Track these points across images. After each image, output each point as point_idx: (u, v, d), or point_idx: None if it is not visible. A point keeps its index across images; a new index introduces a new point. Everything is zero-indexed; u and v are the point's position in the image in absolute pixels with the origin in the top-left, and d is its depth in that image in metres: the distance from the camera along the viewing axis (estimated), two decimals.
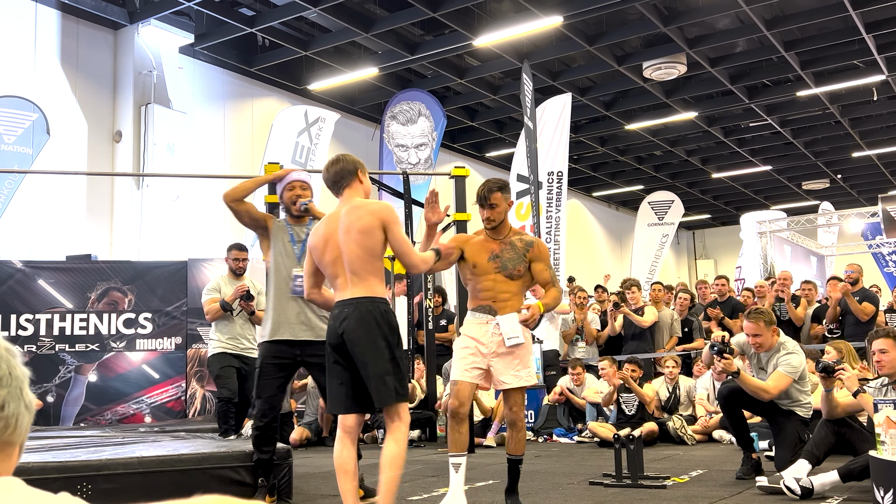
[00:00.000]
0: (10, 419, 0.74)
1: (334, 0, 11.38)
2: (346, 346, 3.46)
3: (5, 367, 0.75)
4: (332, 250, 3.54)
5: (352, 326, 3.44)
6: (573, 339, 9.62)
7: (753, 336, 5.14)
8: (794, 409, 5.12)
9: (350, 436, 3.54)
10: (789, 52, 13.56)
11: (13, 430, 0.75)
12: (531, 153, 12.09)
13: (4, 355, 0.76)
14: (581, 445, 7.73)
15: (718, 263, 27.77)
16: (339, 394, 3.54)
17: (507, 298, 4.12)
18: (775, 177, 22.46)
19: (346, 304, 3.49)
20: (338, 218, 3.58)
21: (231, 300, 6.40)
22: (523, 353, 4.12)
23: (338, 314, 3.50)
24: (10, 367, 0.76)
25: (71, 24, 11.72)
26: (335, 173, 3.68)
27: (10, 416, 0.74)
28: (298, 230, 4.44)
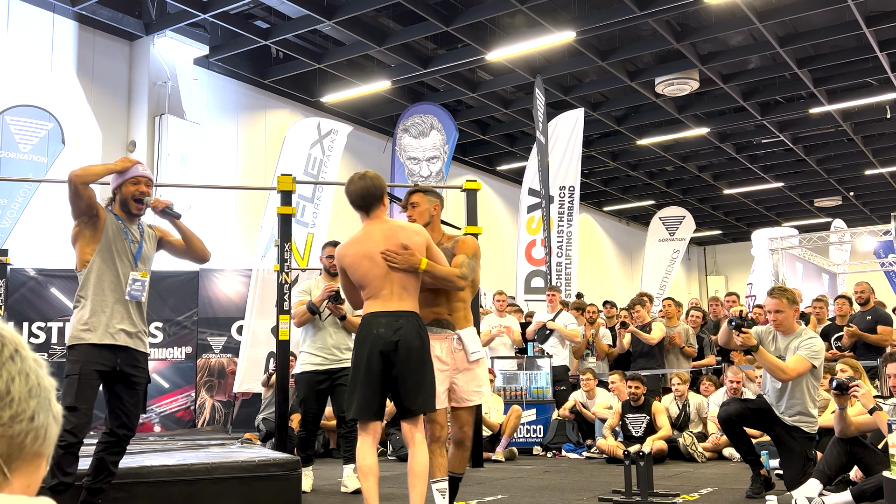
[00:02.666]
0: (39, 430, 0.74)
1: (348, 13, 11.45)
2: (397, 354, 3.62)
3: (34, 378, 0.75)
4: (379, 265, 3.73)
5: (409, 336, 3.66)
6: (584, 354, 9.60)
7: (775, 313, 4.97)
8: (799, 424, 4.97)
9: (374, 439, 3.73)
10: (802, 69, 13.56)
11: (42, 441, 0.75)
12: (543, 167, 12.11)
13: (33, 366, 0.77)
14: (590, 461, 7.69)
15: (729, 280, 27.66)
16: (371, 401, 3.68)
17: (458, 311, 4.04)
18: (787, 193, 22.40)
19: (397, 315, 3.69)
20: (378, 236, 3.75)
21: (318, 302, 5.59)
22: (482, 369, 4.12)
23: (387, 323, 3.66)
24: (38, 377, 0.76)
25: (87, 35, 11.83)
26: (364, 189, 3.85)
27: (39, 427, 0.74)
28: (133, 229, 4.07)
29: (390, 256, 3.73)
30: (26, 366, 0.74)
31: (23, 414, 0.72)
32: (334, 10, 11.49)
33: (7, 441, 0.71)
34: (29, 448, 0.73)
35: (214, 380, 9.58)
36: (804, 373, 4.88)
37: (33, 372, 0.75)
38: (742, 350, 5.04)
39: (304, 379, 5.58)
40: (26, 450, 0.73)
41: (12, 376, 0.72)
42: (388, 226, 3.84)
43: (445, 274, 3.86)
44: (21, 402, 0.72)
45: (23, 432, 0.72)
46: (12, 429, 0.71)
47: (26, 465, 0.73)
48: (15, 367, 0.73)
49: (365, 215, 3.87)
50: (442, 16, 11.71)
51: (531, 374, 8.81)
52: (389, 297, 3.71)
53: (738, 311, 5.07)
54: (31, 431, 0.73)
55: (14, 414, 0.72)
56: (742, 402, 5.37)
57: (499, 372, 8.82)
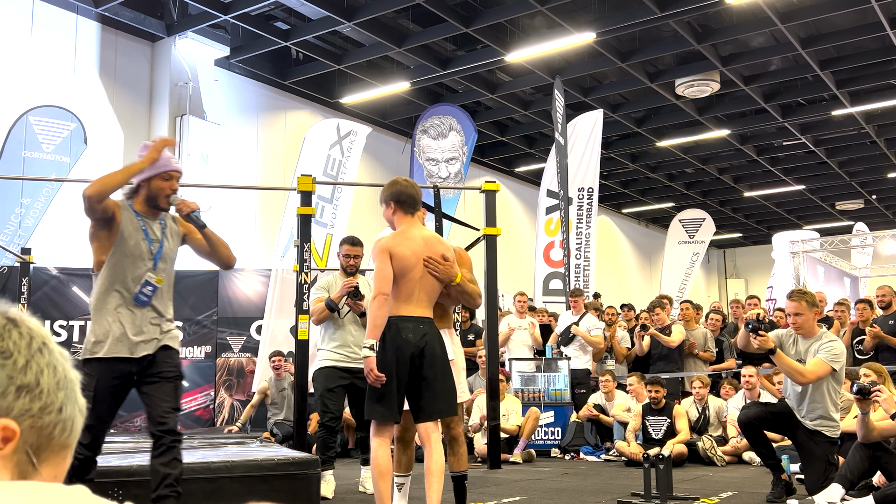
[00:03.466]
0: (67, 422, 0.75)
1: (368, 15, 11.48)
2: (423, 359, 3.76)
3: (62, 371, 0.76)
4: (418, 268, 3.84)
5: (433, 342, 3.82)
6: (603, 356, 9.56)
7: (795, 315, 4.94)
8: (821, 429, 4.92)
9: (389, 441, 3.84)
10: (825, 70, 13.44)
11: (69, 432, 0.76)
12: (562, 169, 12.08)
13: (60, 359, 0.78)
14: (608, 464, 7.66)
15: (749, 283, 27.46)
16: (397, 403, 3.78)
17: (439, 316, 4.11)
18: (808, 196, 22.21)
19: (422, 321, 3.83)
20: (420, 240, 3.89)
21: (337, 298, 5.41)
22: (456, 370, 4.21)
23: (414, 328, 3.78)
24: (65, 370, 0.77)
25: (110, 36, 11.93)
26: (417, 193, 4.01)
27: (67, 418, 0.75)
28: (154, 227, 3.74)
29: (432, 265, 3.84)
30: (53, 358, 0.76)
31: (52, 405, 0.74)
32: (354, 11, 11.52)
33: (37, 432, 0.72)
34: (57, 439, 0.75)
35: (233, 379, 9.63)
36: (824, 376, 4.83)
37: (60, 364, 0.76)
38: (760, 353, 5.00)
39: (324, 374, 5.43)
40: (54, 441, 0.74)
41: (41, 368, 0.74)
42: (428, 234, 4.00)
43: (472, 291, 4.09)
44: (50, 394, 0.74)
45: (52, 423, 0.74)
46: (42, 420, 0.73)
47: (54, 455, 0.75)
48: (43, 359, 0.74)
49: (410, 216, 3.98)
50: (461, 17, 11.72)
51: (550, 375, 8.79)
52: (418, 303, 3.84)
53: (756, 315, 5.01)
54: (59, 423, 0.74)
55: (43, 405, 0.73)
56: (763, 406, 5.33)
57: (517, 374, 8.81)
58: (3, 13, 10.70)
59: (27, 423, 0.71)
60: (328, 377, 5.38)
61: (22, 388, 0.72)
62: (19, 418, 0.71)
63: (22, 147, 9.95)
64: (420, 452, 4.05)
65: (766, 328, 4.89)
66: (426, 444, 3.81)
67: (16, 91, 10.55)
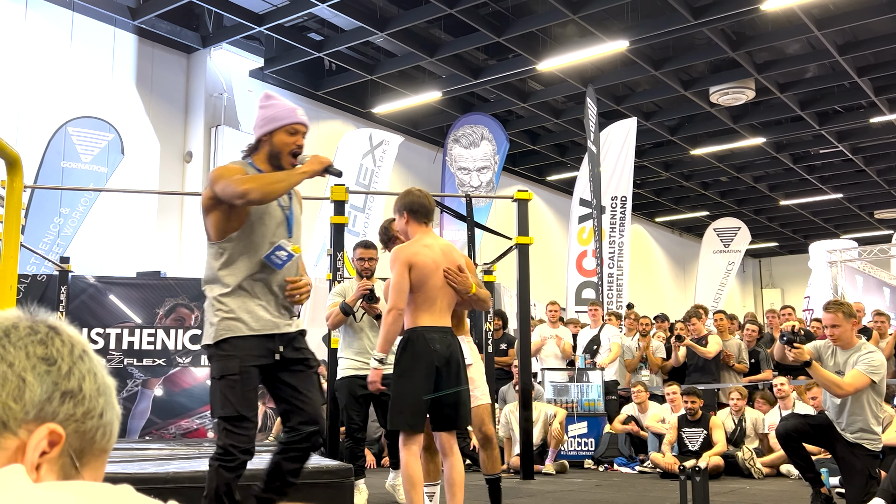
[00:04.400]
0: (107, 427, 0.78)
1: (400, 25, 11.55)
2: (448, 369, 3.77)
3: (101, 377, 0.78)
4: (440, 278, 3.85)
5: (457, 353, 3.84)
6: (637, 367, 9.47)
7: (832, 327, 4.85)
8: (862, 442, 4.81)
9: (419, 450, 3.86)
10: (862, 77, 13.24)
11: (109, 437, 0.78)
12: (594, 177, 12.02)
13: (98, 365, 0.80)
14: (643, 476, 7.57)
15: (786, 293, 27.07)
16: (423, 413, 3.79)
17: (456, 324, 4.17)
18: (846, 205, 21.87)
19: (445, 331, 3.84)
20: (438, 250, 3.91)
21: (352, 302, 5.28)
22: (475, 373, 4.29)
23: (440, 339, 3.78)
24: (103, 377, 0.79)
25: (147, 48, 12.12)
26: (429, 205, 4.04)
27: (108, 423, 0.78)
28: None
29: (451, 276, 3.84)
30: (93, 365, 0.78)
31: (94, 410, 0.76)
32: (387, 22, 11.59)
33: (80, 436, 0.74)
34: (98, 443, 0.77)
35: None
36: (862, 388, 4.73)
37: (99, 371, 0.78)
38: (797, 365, 4.93)
39: (345, 385, 5.37)
40: (96, 445, 0.76)
41: (83, 375, 0.75)
42: (444, 243, 4.02)
43: (484, 296, 4.10)
44: (92, 400, 0.76)
45: (94, 428, 0.76)
46: (85, 425, 0.75)
47: (94, 459, 0.77)
48: (84, 366, 0.76)
49: (424, 226, 4.00)
50: (493, 26, 11.73)
51: (582, 386, 8.72)
52: (440, 313, 3.85)
53: (791, 326, 4.94)
54: (100, 427, 0.76)
55: (86, 411, 0.75)
56: (802, 418, 5.24)
57: (549, 384, 8.75)
58: (44, 27, 10.92)
59: (71, 427, 0.73)
60: (351, 388, 5.32)
61: (66, 394, 0.74)
62: (64, 423, 0.73)
63: (61, 157, 10.13)
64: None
65: (802, 340, 4.82)
66: (448, 454, 3.82)
67: (55, 102, 10.75)
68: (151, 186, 11.69)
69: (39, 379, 0.73)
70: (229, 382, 2.98)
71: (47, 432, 0.71)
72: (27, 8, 10.77)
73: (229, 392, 2.97)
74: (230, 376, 2.98)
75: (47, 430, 0.71)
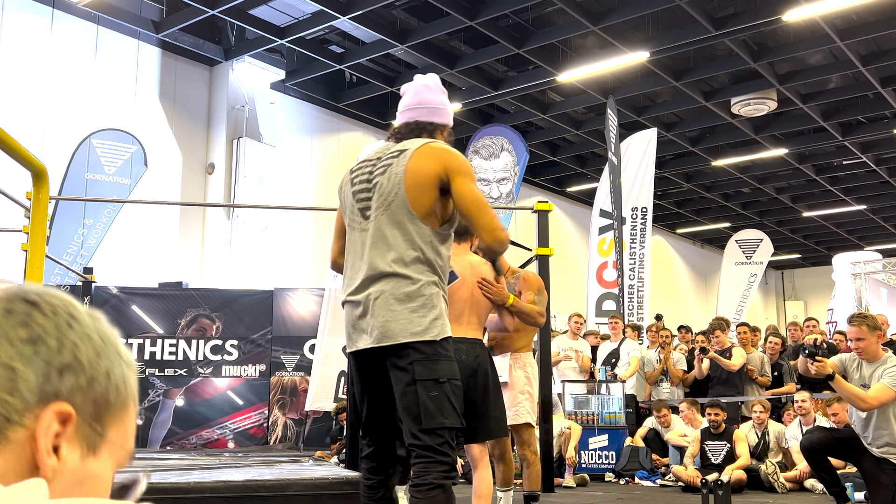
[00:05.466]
0: (119, 383, 0.75)
1: (420, 38, 11.60)
2: (475, 380, 3.75)
3: (97, 337, 0.75)
4: (467, 288, 3.84)
5: (486, 364, 3.82)
6: (658, 379, 9.40)
7: (856, 340, 4.80)
8: (889, 456, 4.73)
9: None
10: (886, 88, 13.13)
11: (125, 391, 0.76)
12: (615, 188, 11.99)
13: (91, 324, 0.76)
14: (664, 489, 7.50)
15: (809, 305, 26.80)
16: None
17: (503, 339, 4.32)
18: (870, 216, 21.64)
19: (474, 342, 3.84)
20: (466, 262, 3.92)
21: None
22: (510, 393, 4.34)
23: (468, 350, 3.76)
24: (101, 335, 0.76)
25: (170, 60, 12.25)
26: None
27: (117, 380, 0.75)
28: None
29: (486, 287, 3.77)
30: (84, 328, 0.74)
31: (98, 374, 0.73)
32: (407, 34, 11.65)
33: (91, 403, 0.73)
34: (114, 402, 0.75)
35: (287, 397, 9.71)
36: (887, 402, 4.66)
37: (93, 331, 0.75)
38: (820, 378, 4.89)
39: None
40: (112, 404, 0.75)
41: (75, 343, 0.72)
42: (475, 259, 3.97)
43: (530, 310, 4.07)
44: (92, 366, 0.73)
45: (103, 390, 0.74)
46: (93, 391, 0.73)
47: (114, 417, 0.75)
48: (75, 333, 0.73)
49: (457, 244, 4.01)
50: (514, 38, 11.75)
51: (603, 398, 8.66)
52: (468, 324, 3.83)
53: (813, 339, 4.91)
54: (110, 387, 0.74)
55: (90, 378, 0.73)
56: (827, 431, 5.17)
57: (569, 396, 8.70)
58: (69, 40, 11.08)
59: (79, 398, 0.72)
60: None
61: (63, 369, 0.71)
62: (70, 397, 0.71)
63: (85, 169, 10.25)
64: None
65: (825, 353, 4.78)
66: (476, 465, 3.87)
67: (80, 115, 10.89)
68: (174, 198, 11.79)
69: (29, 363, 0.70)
70: (455, 388, 2.64)
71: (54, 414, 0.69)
72: (53, 21, 10.93)
73: (455, 399, 2.62)
74: (455, 381, 2.65)
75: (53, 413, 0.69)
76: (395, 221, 2.63)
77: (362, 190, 2.72)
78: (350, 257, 2.74)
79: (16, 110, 10.26)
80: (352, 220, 2.74)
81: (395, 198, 2.63)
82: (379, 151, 2.80)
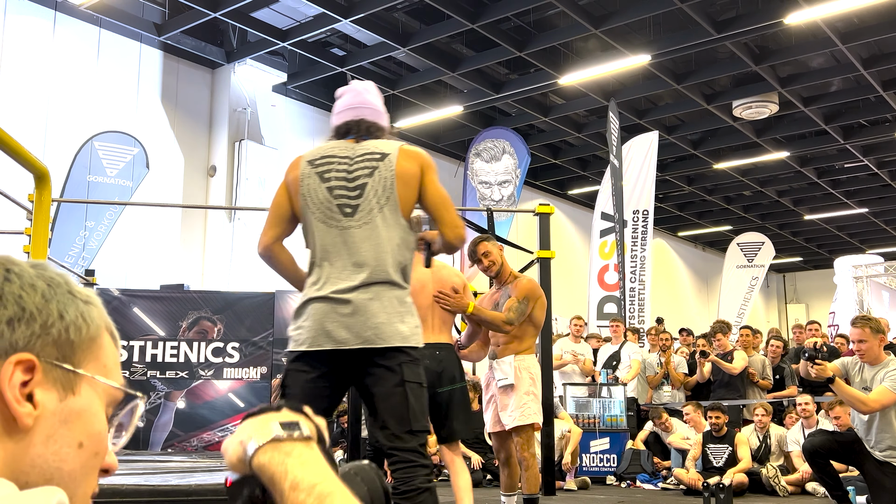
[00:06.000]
0: (77, 321, 0.77)
1: (422, 41, 11.61)
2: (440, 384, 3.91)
3: (42, 284, 0.76)
4: (427, 296, 3.91)
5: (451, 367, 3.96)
6: (659, 383, 9.38)
7: (859, 342, 4.82)
8: (891, 460, 4.74)
9: None
10: (888, 91, 13.12)
11: (87, 327, 0.77)
12: (616, 191, 11.99)
13: (33, 273, 0.77)
14: (666, 492, 7.50)
15: (810, 308, 26.77)
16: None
17: (507, 342, 4.44)
18: (871, 219, 21.62)
19: (438, 346, 3.95)
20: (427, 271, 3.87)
21: None
22: (516, 394, 4.42)
23: (430, 354, 3.80)
24: (46, 280, 0.77)
25: (172, 63, 12.26)
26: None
27: (74, 319, 0.77)
28: None
29: (442, 299, 3.88)
30: (26, 279, 0.76)
31: (50, 318, 0.75)
32: (409, 37, 11.65)
33: (53, 346, 0.74)
34: (78, 340, 0.76)
35: None
36: (888, 405, 4.66)
37: (38, 279, 0.77)
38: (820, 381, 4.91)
39: None
40: (77, 342, 0.76)
41: (18, 294, 0.74)
42: (436, 264, 3.90)
43: (491, 318, 4.19)
44: (42, 312, 0.75)
45: (61, 331, 0.75)
46: (49, 335, 0.74)
47: (86, 352, 0.77)
48: (14, 286, 0.75)
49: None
50: (515, 41, 11.76)
51: (604, 401, 8.65)
52: (431, 329, 3.88)
53: (813, 343, 4.96)
54: (68, 327, 0.76)
55: (42, 323, 0.74)
56: (829, 434, 5.17)
57: (570, 399, 8.69)
58: (71, 43, 11.09)
59: (38, 344, 0.74)
60: None
61: (11, 321, 0.73)
62: (28, 346, 0.73)
63: (87, 171, 10.26)
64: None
65: (824, 357, 4.79)
66: (450, 464, 3.96)
67: (82, 117, 10.89)
68: (176, 200, 11.80)
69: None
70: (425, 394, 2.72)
71: (12, 366, 0.71)
72: (55, 24, 10.94)
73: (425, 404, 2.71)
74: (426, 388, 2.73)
75: (12, 364, 0.71)
76: (388, 225, 2.68)
77: (340, 187, 2.70)
78: (328, 254, 2.71)
79: (18, 113, 10.26)
80: (326, 216, 2.71)
81: (387, 202, 2.68)
82: (345, 148, 2.77)
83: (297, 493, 0.75)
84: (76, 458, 0.73)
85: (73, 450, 0.74)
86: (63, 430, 0.73)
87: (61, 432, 0.73)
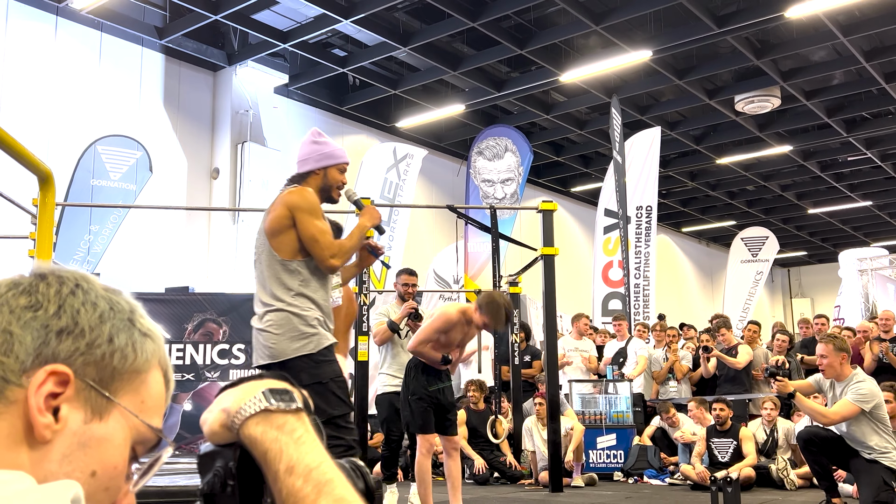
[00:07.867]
0: (125, 349, 0.77)
1: (423, 40, 11.61)
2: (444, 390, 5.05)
3: (104, 304, 0.77)
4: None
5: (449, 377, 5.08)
6: (665, 378, 9.37)
7: (820, 357, 5.06)
8: (879, 459, 4.90)
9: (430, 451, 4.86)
10: (890, 83, 13.09)
11: (134, 358, 0.77)
12: (620, 187, 11.98)
13: (103, 293, 0.78)
14: (673, 488, 7.49)
15: (815, 302, 26.71)
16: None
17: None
18: (876, 212, 21.58)
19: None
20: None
21: (399, 319, 5.94)
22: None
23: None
24: (111, 303, 0.78)
25: (174, 66, 12.28)
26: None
27: (121, 347, 0.77)
28: None
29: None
30: (91, 296, 0.77)
31: (98, 339, 0.75)
32: (409, 36, 11.66)
33: (94, 366, 0.74)
34: (121, 368, 0.76)
35: None
36: (850, 416, 4.86)
37: (102, 299, 0.77)
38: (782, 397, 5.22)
39: (386, 400, 5.90)
40: (118, 370, 0.76)
41: (76, 309, 0.75)
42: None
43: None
44: (93, 330, 0.75)
45: (105, 354, 0.75)
46: (94, 354, 0.74)
47: (127, 384, 0.77)
48: (77, 300, 0.75)
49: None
50: (516, 39, 11.75)
51: (610, 398, 8.64)
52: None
53: (776, 360, 5.28)
54: (114, 352, 0.76)
55: (90, 342, 0.75)
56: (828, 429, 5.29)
57: (576, 395, 8.69)
58: (73, 47, 11.11)
59: (79, 361, 0.73)
60: (391, 403, 5.83)
61: (62, 332, 0.73)
62: (69, 360, 0.73)
63: (90, 175, 10.27)
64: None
65: (786, 373, 5.08)
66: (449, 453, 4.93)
67: (85, 121, 10.91)
68: (179, 203, 11.81)
69: (26, 327, 0.73)
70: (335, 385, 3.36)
71: (46, 374, 0.71)
72: (57, 28, 10.96)
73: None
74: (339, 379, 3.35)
75: (45, 373, 0.71)
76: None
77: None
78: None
79: (21, 118, 10.28)
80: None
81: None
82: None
83: (293, 477, 0.74)
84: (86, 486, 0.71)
85: (84, 476, 0.72)
86: (80, 453, 0.72)
87: (77, 455, 0.72)
